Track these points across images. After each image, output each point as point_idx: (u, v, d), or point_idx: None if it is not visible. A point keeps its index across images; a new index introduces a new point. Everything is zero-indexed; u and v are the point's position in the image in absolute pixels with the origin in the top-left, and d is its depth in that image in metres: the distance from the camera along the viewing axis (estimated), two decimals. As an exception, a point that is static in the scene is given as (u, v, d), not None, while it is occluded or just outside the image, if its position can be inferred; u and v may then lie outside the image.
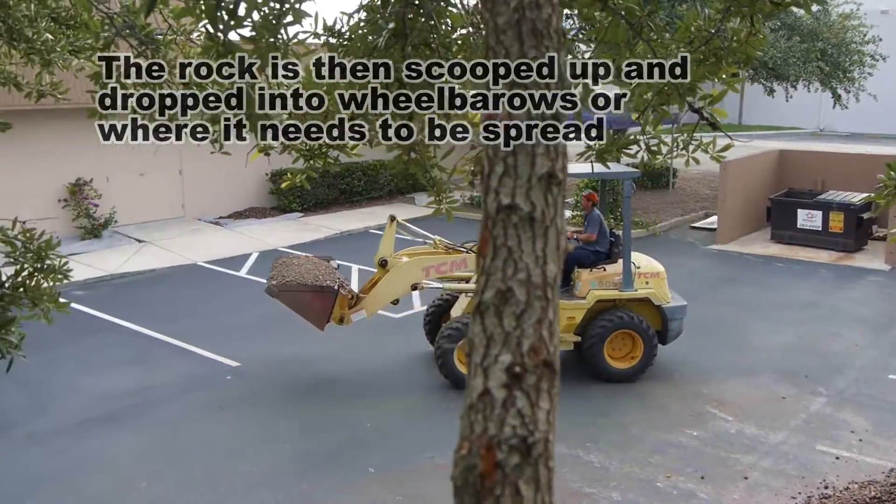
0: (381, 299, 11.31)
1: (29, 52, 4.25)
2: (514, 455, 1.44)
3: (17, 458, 9.24)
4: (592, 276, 11.43)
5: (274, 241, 19.93)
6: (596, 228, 11.79)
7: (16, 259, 3.24)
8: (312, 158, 3.99)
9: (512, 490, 1.44)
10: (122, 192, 20.42)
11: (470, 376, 1.49)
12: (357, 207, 24.07)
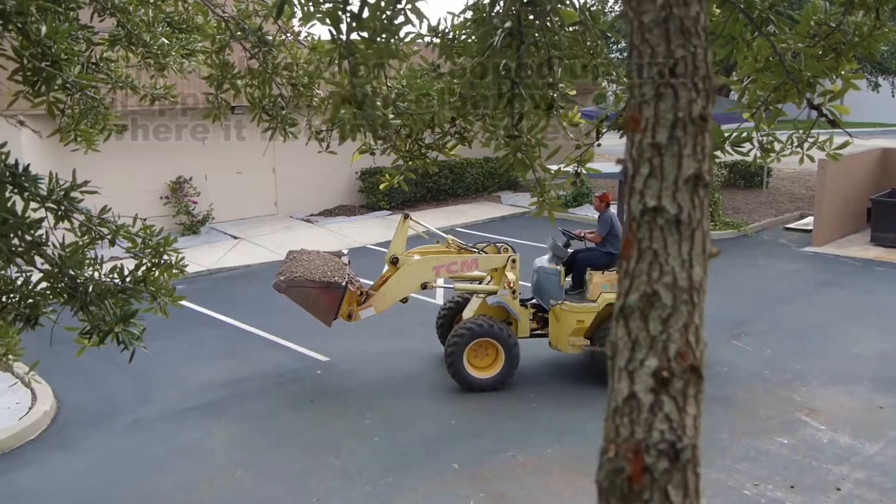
0: (390, 297, 11.23)
1: (146, 56, 4.43)
2: (662, 460, 1.42)
3: (123, 443, 9.67)
4: (604, 279, 11.16)
5: (363, 238, 20.23)
6: (605, 229, 11.51)
7: (135, 254, 3.38)
8: (412, 159, 4.02)
9: (661, 495, 1.42)
10: (219, 189, 21.10)
11: (614, 380, 1.47)
12: (444, 206, 24.21)
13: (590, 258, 11.48)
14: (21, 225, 2.88)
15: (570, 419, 10.09)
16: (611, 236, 11.45)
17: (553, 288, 11.22)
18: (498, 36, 2.45)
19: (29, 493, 8.54)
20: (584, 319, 11.06)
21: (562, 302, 11.13)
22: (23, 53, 3.28)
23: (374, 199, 23.31)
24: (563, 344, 11.25)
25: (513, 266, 11.27)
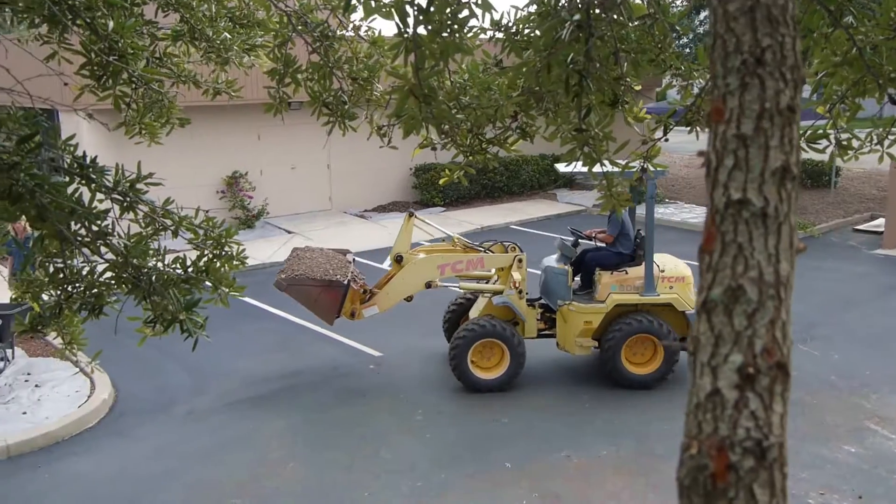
0: (394, 295, 11.08)
1: (208, 50, 4.49)
2: (748, 458, 1.38)
3: (177, 433, 9.84)
4: (613, 280, 10.90)
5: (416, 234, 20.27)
6: (616, 229, 11.19)
7: (198, 245, 3.42)
8: (472, 154, 3.99)
9: (746, 494, 1.38)
10: (274, 184, 21.37)
11: (695, 375, 1.43)
12: (498, 203, 24.14)
13: (599, 258, 11.22)
14: (88, 215, 2.94)
15: (626, 420, 9.95)
16: (621, 236, 11.17)
17: (560, 288, 11.02)
18: (566, 29, 2.40)
19: (87, 479, 8.75)
20: (592, 320, 10.83)
21: (569, 302, 10.93)
22: (91, 48, 3.35)
23: (428, 195, 23.34)
24: (570, 345, 11.05)
25: (519, 266, 11.07)
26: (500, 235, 20.19)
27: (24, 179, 2.72)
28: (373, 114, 4.22)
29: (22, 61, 4.06)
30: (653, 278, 10.73)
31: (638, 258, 11.03)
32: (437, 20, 2.16)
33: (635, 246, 11.22)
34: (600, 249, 11.36)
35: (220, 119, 19.32)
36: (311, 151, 22.03)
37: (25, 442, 9.38)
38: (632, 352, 10.86)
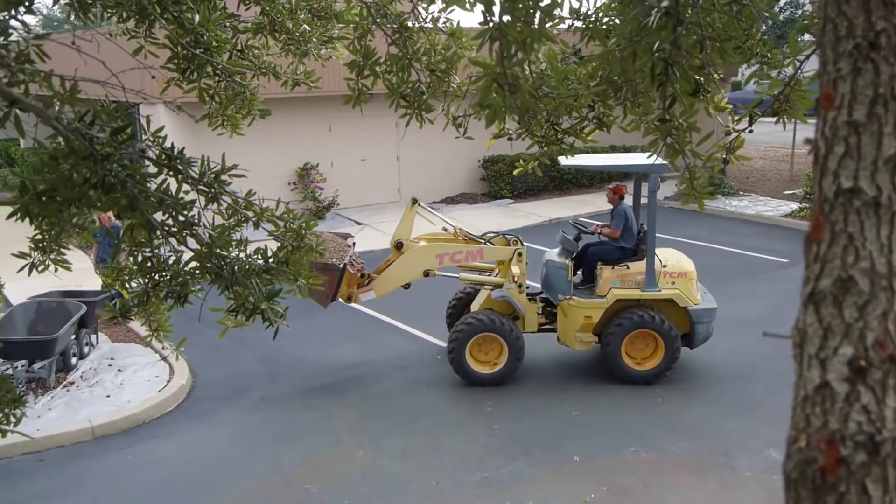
0: (391, 282, 10.94)
1: (288, 42, 4.56)
2: (860, 452, 1.34)
3: (252, 419, 10.08)
4: (614, 275, 10.68)
5: (484, 226, 20.23)
6: (621, 223, 10.96)
7: (278, 237, 3.49)
8: (548, 145, 3.96)
9: (858, 488, 1.34)
10: (344, 176, 21.63)
11: (803, 367, 1.39)
12: (567, 195, 23.95)
13: (601, 252, 11.04)
14: (175, 205, 3.03)
15: (699, 417, 9.78)
16: (625, 230, 10.98)
17: (561, 282, 10.88)
18: (653, 16, 2.35)
19: (168, 461, 9.04)
20: (592, 315, 10.68)
21: (569, 297, 10.80)
22: (178, 42, 3.44)
23: (496, 187, 23.30)
24: (570, 340, 10.92)
25: (518, 260, 10.88)
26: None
27: (117, 170, 2.82)
28: (449, 105, 4.23)
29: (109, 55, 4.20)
30: (654, 273, 10.55)
31: (640, 253, 10.87)
32: (523, 8, 2.14)
33: (638, 240, 11.07)
34: (602, 244, 11.18)
35: (291, 111, 19.60)
36: (380, 143, 22.23)
37: (109, 424, 9.75)
38: (633, 347, 10.75)
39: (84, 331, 11.69)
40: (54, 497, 8.30)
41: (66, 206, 3.00)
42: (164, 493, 8.35)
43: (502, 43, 2.18)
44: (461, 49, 4.17)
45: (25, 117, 2.82)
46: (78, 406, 10.17)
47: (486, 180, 23.60)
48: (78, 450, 9.32)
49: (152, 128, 3.15)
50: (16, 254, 3.31)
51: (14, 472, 8.74)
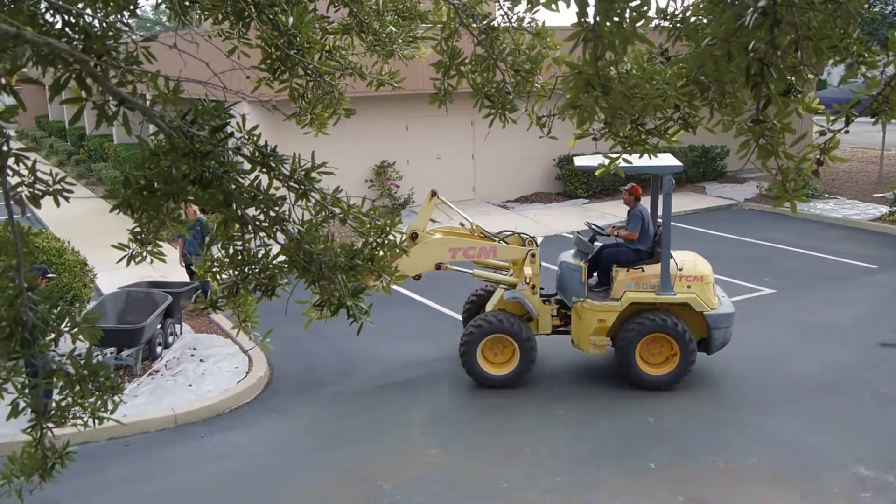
0: (403, 271, 10.83)
1: (374, 43, 4.65)
2: None
3: (326, 413, 10.27)
4: (629, 277, 10.41)
5: (559, 226, 20.14)
6: (638, 225, 10.67)
7: (363, 234, 3.56)
8: (631, 145, 3.92)
9: None
10: (420, 174, 21.80)
11: None
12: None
13: (616, 254, 10.81)
14: (267, 201, 3.12)
15: (779, 428, 9.49)
16: (641, 232, 10.72)
17: (575, 284, 10.71)
18: (750, 15, 2.31)
19: (245, 451, 9.29)
20: (606, 318, 10.49)
21: (583, 299, 10.62)
22: (271, 43, 3.55)
23: (571, 186, 23.14)
24: (584, 343, 10.73)
25: (532, 261, 10.71)
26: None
27: (214, 167, 2.93)
28: (533, 105, 4.24)
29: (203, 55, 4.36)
30: (669, 277, 10.32)
31: (656, 255, 10.63)
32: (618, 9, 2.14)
33: (654, 243, 10.82)
34: (618, 245, 10.97)
35: (370, 110, 19.87)
36: (456, 141, 22.33)
37: (191, 412, 10.07)
38: (648, 352, 10.53)
39: (169, 321, 12.10)
40: (139, 482, 8.62)
41: (165, 200, 3.13)
42: (240, 482, 8.58)
43: (596, 43, 2.17)
44: (546, 49, 4.18)
45: (131, 115, 2.95)
46: (162, 394, 10.54)
47: (561, 179, 23.45)
48: (161, 437, 9.66)
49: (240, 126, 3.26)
50: (116, 245, 3.46)
51: (101, 456, 9.11)
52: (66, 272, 11.21)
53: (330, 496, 8.29)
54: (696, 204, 22.48)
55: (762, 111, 2.65)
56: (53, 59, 2.68)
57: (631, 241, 10.78)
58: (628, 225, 10.88)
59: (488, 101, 4.11)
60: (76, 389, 3.11)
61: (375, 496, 8.23)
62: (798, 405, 10.09)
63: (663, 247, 10.35)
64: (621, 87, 2.28)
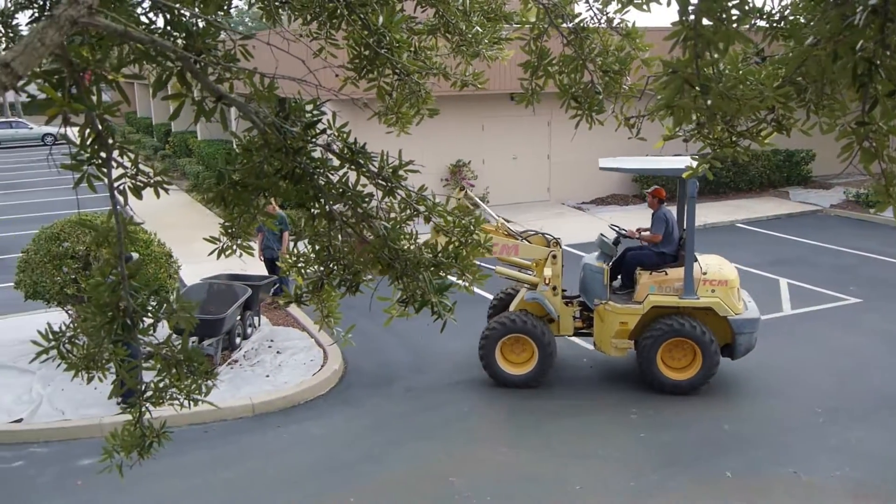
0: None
1: (460, 44, 4.68)
2: None
3: (398, 408, 10.36)
4: (652, 280, 10.27)
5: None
6: (662, 228, 10.52)
7: (447, 232, 3.58)
8: (721, 148, 3.84)
9: None
10: (495, 173, 21.80)
11: None
12: (724, 199, 23.07)
13: (640, 257, 10.70)
14: (355, 197, 3.18)
15: (865, 440, 9.16)
16: (665, 235, 10.58)
17: (597, 286, 10.63)
18: (860, 14, 2.24)
19: (319, 442, 9.45)
20: (628, 321, 10.41)
21: (605, 301, 10.53)
22: (361, 42, 3.60)
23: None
24: (606, 345, 10.65)
25: (553, 261, 10.62)
26: (725, 234, 19.37)
27: (305, 163, 3.00)
28: (622, 106, 4.19)
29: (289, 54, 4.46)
30: (693, 280, 10.16)
31: (680, 258, 10.48)
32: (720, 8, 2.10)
33: (679, 246, 10.65)
34: (642, 248, 10.86)
35: (447, 109, 19.91)
36: (532, 142, 22.24)
37: (268, 403, 10.31)
38: (670, 356, 10.40)
39: (248, 312, 12.41)
40: (216, 467, 8.87)
41: (256, 195, 3.22)
42: (314, 473, 8.74)
43: (696, 42, 2.14)
44: (635, 50, 4.13)
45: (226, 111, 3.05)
46: (240, 383, 10.81)
47: (639, 181, 23.10)
48: (238, 425, 9.91)
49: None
50: (207, 238, 3.57)
51: (182, 440, 9.39)
52: (152, 263, 11.61)
53: (401, 490, 8.37)
54: (779, 209, 21.86)
55: (868, 113, 2.56)
56: (157, 56, 2.79)
57: (654, 243, 10.74)
58: (652, 227, 10.83)
59: (575, 103, 4.09)
60: (172, 372, 3.23)
61: (446, 492, 8.27)
62: (882, 417, 9.72)
63: (687, 250, 10.28)
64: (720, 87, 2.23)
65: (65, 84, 2.59)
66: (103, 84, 2.77)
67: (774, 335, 12.43)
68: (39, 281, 11.23)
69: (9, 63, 2.20)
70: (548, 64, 4.01)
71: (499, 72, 10.63)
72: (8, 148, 44.94)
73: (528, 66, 3.96)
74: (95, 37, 2.75)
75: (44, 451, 9.33)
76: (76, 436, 9.60)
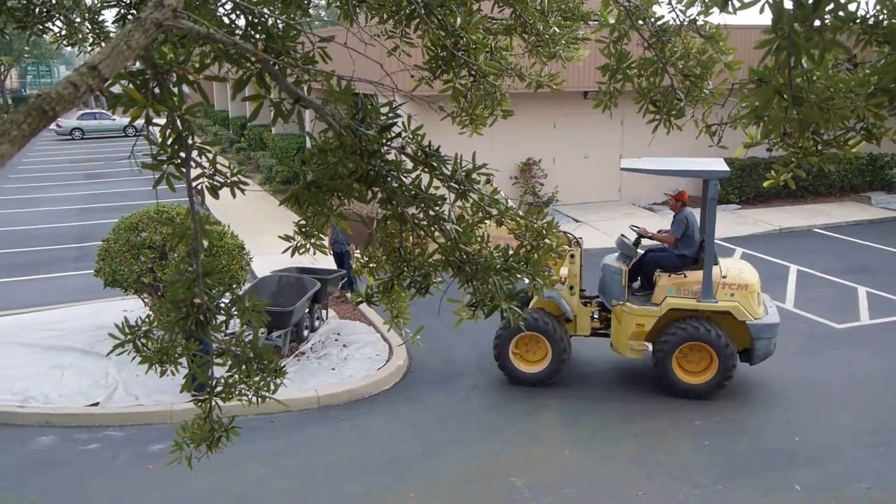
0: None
1: (536, 44, 4.62)
2: None
3: (461, 406, 10.35)
4: (670, 283, 10.14)
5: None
6: (680, 230, 10.41)
7: (518, 236, 3.54)
8: (806, 156, 3.70)
9: None
10: (565, 172, 21.59)
11: None
12: (800, 203, 22.37)
13: (659, 259, 10.61)
14: (427, 200, 3.17)
15: (944, 460, 8.78)
16: (685, 237, 10.47)
17: (615, 287, 10.55)
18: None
19: (382, 436, 9.52)
20: (645, 323, 10.32)
21: (623, 302, 10.45)
22: (438, 43, 3.59)
23: (723, 191, 22.20)
24: (622, 347, 10.58)
25: (571, 261, 10.55)
26: (802, 239, 18.79)
27: (379, 165, 3.00)
28: (703, 113, 4.08)
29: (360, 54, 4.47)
30: (711, 284, 10.03)
31: (701, 261, 10.31)
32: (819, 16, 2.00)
33: (699, 249, 10.47)
34: (662, 250, 10.78)
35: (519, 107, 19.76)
36: (604, 141, 21.94)
37: (333, 395, 10.44)
38: (686, 359, 10.30)
39: (316, 306, 12.58)
40: (282, 456, 9.02)
41: (330, 195, 3.24)
42: (376, 467, 8.80)
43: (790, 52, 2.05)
44: (718, 53, 4.01)
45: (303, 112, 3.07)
46: (307, 375, 10.97)
47: (715, 183, 22.54)
48: (304, 416, 10.06)
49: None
50: (281, 236, 3.61)
51: (250, 429, 9.58)
52: (224, 255, 11.86)
53: (462, 487, 8.37)
54: (860, 215, 21.08)
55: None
56: (238, 58, 2.82)
57: (669, 243, 10.71)
58: (670, 229, 10.80)
59: (653, 107, 3.99)
60: (242, 369, 3.28)
61: (506, 492, 8.24)
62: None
63: (706, 254, 10.18)
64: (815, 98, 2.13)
65: (148, 85, 2.64)
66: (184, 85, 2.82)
67: (850, 345, 12.03)
68: (118, 269, 11.59)
69: (96, 66, 2.25)
70: (627, 67, 3.93)
71: (573, 69, 10.53)
72: (92, 138, 46.58)
73: (607, 70, 3.88)
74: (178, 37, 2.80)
75: (118, 435, 9.65)
76: (149, 421, 9.89)
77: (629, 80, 3.92)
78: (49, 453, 9.22)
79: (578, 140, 21.60)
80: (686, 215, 10.68)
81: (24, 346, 12.08)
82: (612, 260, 11.01)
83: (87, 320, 13.06)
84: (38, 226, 21.89)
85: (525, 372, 10.79)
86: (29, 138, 2.23)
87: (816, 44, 2.06)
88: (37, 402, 10.21)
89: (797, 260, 16.81)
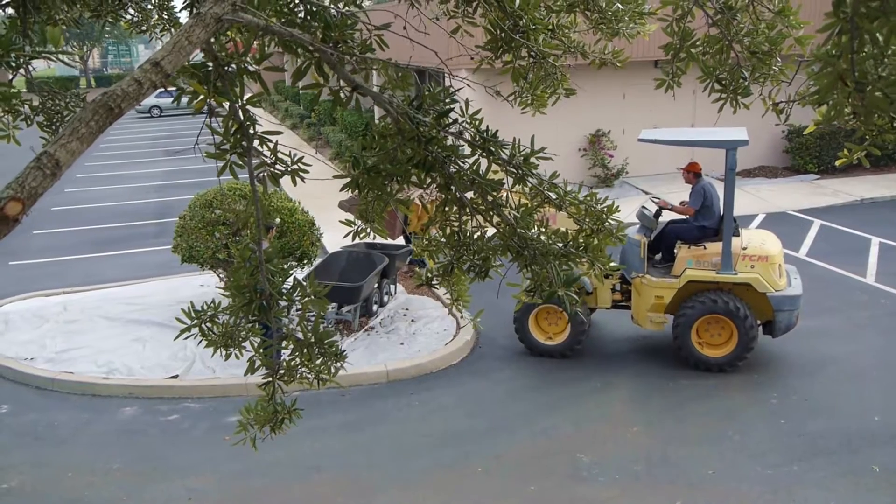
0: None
1: (599, 21, 4.54)
2: None
3: (530, 381, 10.37)
4: (689, 254, 9.99)
5: (783, 203, 18.84)
6: (699, 201, 10.39)
7: (577, 220, 3.51)
8: (880, 134, 3.55)
9: None
10: (635, 144, 21.15)
11: None
12: (884, 172, 21.46)
13: (679, 231, 10.40)
14: (486, 185, 3.17)
15: None
16: (703, 208, 10.25)
17: (635, 259, 10.39)
18: None
19: (450, 411, 9.63)
20: (664, 295, 10.18)
21: (643, 275, 10.32)
22: (498, 25, 3.56)
23: (800, 160, 21.47)
24: (642, 319, 10.48)
25: None
26: (886, 210, 18.04)
27: (437, 151, 3.02)
28: (770, 91, 3.95)
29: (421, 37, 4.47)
30: (730, 255, 9.83)
31: (721, 233, 10.05)
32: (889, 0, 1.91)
33: (720, 220, 10.18)
34: (684, 221, 10.55)
35: (586, 79, 19.48)
36: (675, 111, 21.40)
37: (401, 370, 10.58)
38: (707, 332, 10.16)
39: (385, 281, 12.73)
40: (352, 430, 9.21)
41: (389, 180, 3.27)
42: (444, 441, 8.92)
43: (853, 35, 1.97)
44: (787, 28, 3.87)
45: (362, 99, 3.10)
46: (376, 350, 11.15)
47: (790, 153, 21.83)
48: (373, 390, 10.24)
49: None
50: (342, 221, 3.67)
51: (321, 403, 9.83)
52: (295, 231, 12.08)
53: (529, 462, 8.41)
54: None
55: None
56: (296, 48, 2.86)
57: (689, 215, 10.52)
58: (689, 200, 10.62)
59: (719, 86, 3.89)
60: (304, 352, 3.36)
61: (573, 468, 8.25)
62: None
63: (725, 225, 9.98)
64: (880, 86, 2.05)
65: (210, 77, 2.71)
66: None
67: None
68: (194, 245, 11.94)
69: (159, 62, 2.32)
70: (690, 46, 3.83)
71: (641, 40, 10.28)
72: (170, 115, 47.86)
73: (670, 49, 3.79)
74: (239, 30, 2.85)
75: (196, 407, 10.01)
76: (225, 393, 10.23)
77: (694, 60, 3.81)
78: (132, 423, 9.64)
79: (648, 110, 21.14)
80: (703, 185, 10.56)
81: (108, 319, 12.60)
82: (633, 232, 10.94)
83: (166, 295, 13.53)
84: (120, 202, 22.69)
85: (545, 344, 10.96)
86: (97, 135, 2.32)
87: (881, 26, 1.97)
88: (120, 375, 10.66)
89: (880, 232, 16.17)
